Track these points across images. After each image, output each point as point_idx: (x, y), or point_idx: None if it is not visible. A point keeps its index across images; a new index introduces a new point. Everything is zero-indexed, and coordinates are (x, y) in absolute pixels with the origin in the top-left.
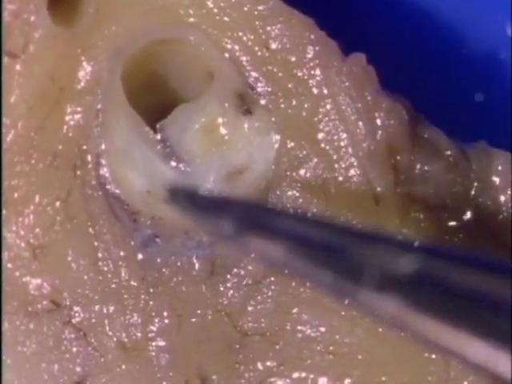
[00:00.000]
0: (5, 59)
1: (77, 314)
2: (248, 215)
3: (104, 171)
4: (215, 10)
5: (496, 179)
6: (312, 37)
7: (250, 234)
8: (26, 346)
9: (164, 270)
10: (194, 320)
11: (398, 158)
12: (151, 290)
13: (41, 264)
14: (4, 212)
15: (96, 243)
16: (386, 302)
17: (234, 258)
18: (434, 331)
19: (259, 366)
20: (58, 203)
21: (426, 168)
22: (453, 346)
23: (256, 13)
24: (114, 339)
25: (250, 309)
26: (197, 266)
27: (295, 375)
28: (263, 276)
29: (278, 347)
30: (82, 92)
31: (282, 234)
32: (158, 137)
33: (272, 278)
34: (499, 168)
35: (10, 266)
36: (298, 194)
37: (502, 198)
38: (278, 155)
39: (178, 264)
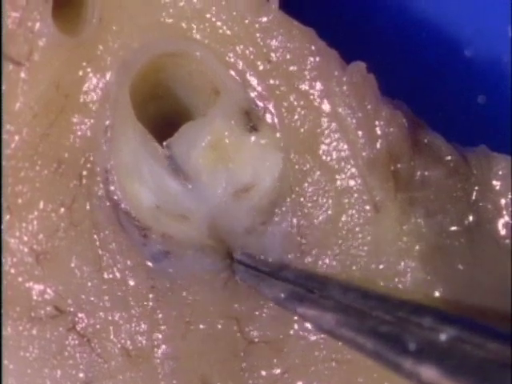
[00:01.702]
0: (9, 67)
1: (81, 321)
2: (300, 283)
3: (114, 187)
4: (217, 23)
5: (496, 183)
6: (312, 47)
7: (301, 302)
8: (28, 351)
9: (175, 279)
10: (201, 327)
11: (399, 165)
12: (160, 298)
13: (44, 270)
14: (8, 217)
15: (101, 251)
16: (426, 369)
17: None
18: None
19: (263, 373)
20: (62, 210)
21: (426, 173)
22: None
23: (257, 25)
24: (119, 346)
25: (256, 317)
26: (209, 276)
27: (299, 383)
28: None
29: (282, 354)
30: (89, 104)
31: (330, 302)
32: (166, 153)
33: None
34: (499, 172)
35: (12, 271)
36: (302, 208)
37: (503, 202)
38: (284, 170)
39: (190, 273)
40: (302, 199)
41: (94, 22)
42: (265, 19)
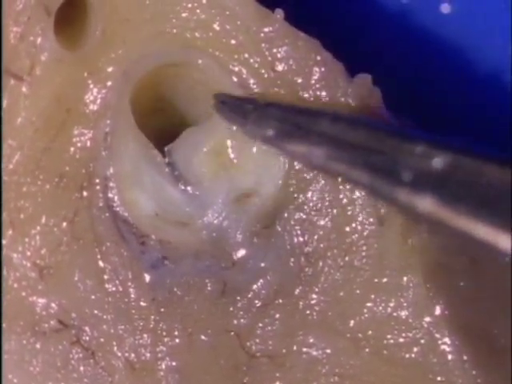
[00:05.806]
0: (11, 81)
1: (85, 334)
2: (287, 119)
3: (112, 194)
4: (221, 33)
5: None
6: (318, 58)
7: (289, 139)
8: (32, 365)
9: (175, 289)
10: (204, 339)
11: None
12: (162, 310)
13: (47, 284)
14: (10, 232)
15: (103, 264)
16: (421, 199)
17: (244, 280)
18: (468, 226)
19: None
20: (64, 224)
21: None
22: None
23: (262, 35)
24: (123, 359)
25: (258, 331)
26: (208, 285)
27: None
28: (272, 299)
29: (284, 369)
30: (90, 115)
31: (320, 136)
32: (166, 160)
33: (280, 301)
34: None
35: (16, 286)
36: (305, 217)
37: None
38: (286, 178)
39: (191, 282)
40: (305, 207)
41: (96, 36)
42: (270, 29)
